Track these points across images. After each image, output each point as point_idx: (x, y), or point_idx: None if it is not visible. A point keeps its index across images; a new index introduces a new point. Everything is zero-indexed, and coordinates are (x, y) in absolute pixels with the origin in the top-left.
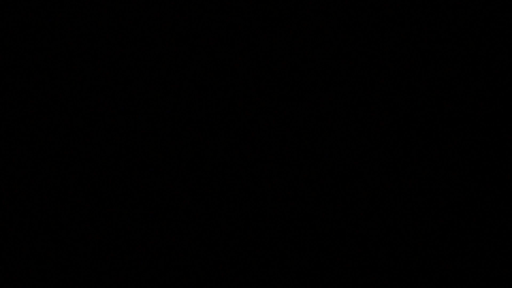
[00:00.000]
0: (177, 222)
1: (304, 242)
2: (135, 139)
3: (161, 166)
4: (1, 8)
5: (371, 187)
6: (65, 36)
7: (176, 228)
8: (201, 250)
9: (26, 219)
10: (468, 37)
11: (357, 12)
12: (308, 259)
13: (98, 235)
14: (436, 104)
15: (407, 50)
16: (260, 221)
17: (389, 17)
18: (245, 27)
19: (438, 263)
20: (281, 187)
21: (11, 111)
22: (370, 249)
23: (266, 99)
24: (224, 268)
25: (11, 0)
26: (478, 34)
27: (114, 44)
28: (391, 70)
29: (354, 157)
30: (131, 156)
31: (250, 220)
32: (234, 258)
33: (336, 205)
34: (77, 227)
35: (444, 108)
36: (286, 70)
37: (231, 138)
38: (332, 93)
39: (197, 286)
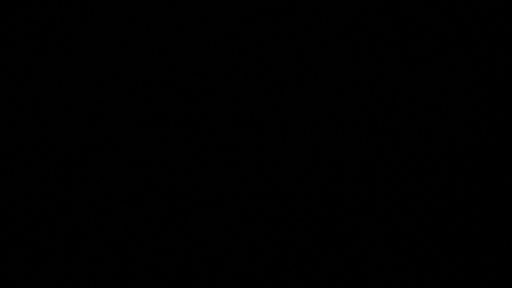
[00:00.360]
0: (177, 222)
1: (304, 242)
2: (135, 139)
3: (161, 166)
4: (1, 8)
5: (371, 187)
6: (65, 36)
7: (176, 228)
8: (201, 250)
9: (26, 219)
10: (468, 38)
11: (357, 12)
12: (308, 259)
13: (98, 235)
14: (436, 104)
15: (407, 50)
16: (260, 221)
17: (389, 17)
18: (245, 27)
19: (438, 263)
20: (281, 187)
21: (11, 111)
22: (370, 249)
23: (266, 99)
24: (224, 268)
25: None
26: (478, 34)
27: (114, 44)
28: (391, 70)
29: (354, 157)
30: (131, 156)
31: (250, 220)
32: (234, 258)
33: (336, 205)
34: (77, 227)
35: (444, 108)
36: (286, 70)
37: (231, 138)
38: (332, 93)
39: (197, 286)
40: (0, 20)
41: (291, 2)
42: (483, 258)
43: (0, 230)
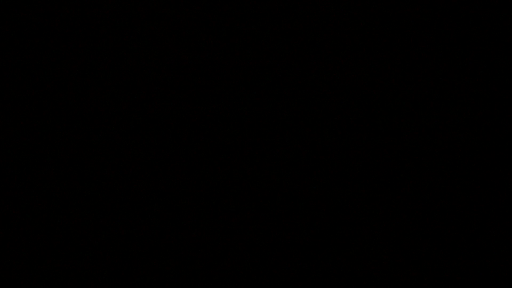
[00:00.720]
0: (177, 222)
1: (304, 242)
2: (135, 139)
3: (161, 166)
4: (1, 8)
5: (371, 187)
6: (65, 36)
7: (176, 228)
8: (201, 250)
9: (26, 219)
10: (468, 38)
11: (357, 12)
12: (308, 259)
13: (98, 235)
14: (436, 104)
15: (407, 50)
16: (260, 221)
17: (389, 17)
18: (245, 27)
19: (438, 263)
20: (281, 187)
21: (11, 111)
22: (370, 249)
23: (266, 99)
24: (224, 268)
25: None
26: (478, 34)
27: (114, 44)
28: (391, 70)
29: (354, 157)
30: (131, 156)
31: (250, 220)
32: (234, 258)
33: (336, 205)
34: (77, 227)
35: (444, 108)
36: (286, 70)
37: (231, 138)
38: (332, 93)
39: (197, 286)
40: (0, 20)
41: (291, 2)
42: (483, 258)
43: (0, 230)
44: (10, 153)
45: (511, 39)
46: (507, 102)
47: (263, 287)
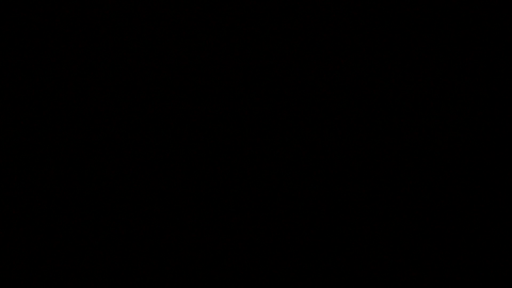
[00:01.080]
0: (177, 222)
1: (304, 242)
2: (135, 139)
3: (161, 166)
4: (1, 8)
5: (371, 187)
6: (65, 36)
7: (176, 228)
8: (201, 250)
9: (26, 219)
10: (468, 38)
11: (357, 12)
12: (308, 259)
13: (98, 235)
14: (436, 104)
15: (407, 50)
16: (260, 221)
17: (389, 17)
18: (245, 27)
19: (438, 263)
20: (281, 187)
21: (11, 111)
22: (370, 249)
23: (266, 99)
24: (224, 268)
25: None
26: (478, 34)
27: (114, 44)
28: (391, 70)
29: (354, 157)
30: (131, 156)
31: (250, 220)
32: (234, 258)
33: (336, 205)
34: (77, 227)
35: (444, 108)
36: (286, 70)
37: (231, 138)
38: (332, 93)
39: (197, 286)
40: (0, 20)
41: (291, 2)
42: (483, 258)
43: (0, 230)
44: (10, 153)
45: (511, 39)
46: (507, 102)
47: (263, 287)
